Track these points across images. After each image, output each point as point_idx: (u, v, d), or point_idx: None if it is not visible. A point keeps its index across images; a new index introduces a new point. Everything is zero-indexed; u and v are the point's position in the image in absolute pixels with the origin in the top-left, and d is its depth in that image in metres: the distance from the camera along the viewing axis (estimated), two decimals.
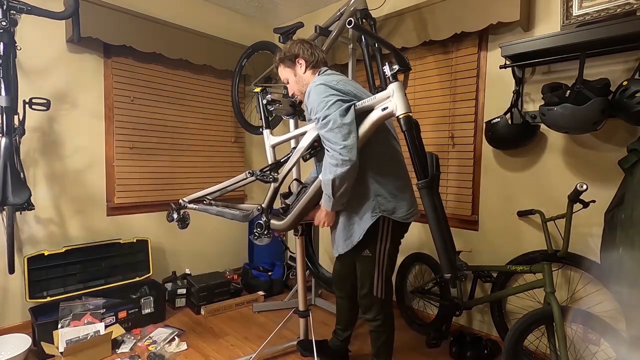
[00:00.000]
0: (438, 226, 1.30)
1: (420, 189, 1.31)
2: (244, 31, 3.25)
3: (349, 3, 2.13)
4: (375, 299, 1.59)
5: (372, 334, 1.68)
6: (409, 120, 1.32)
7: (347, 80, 1.52)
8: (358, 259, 1.60)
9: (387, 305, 1.62)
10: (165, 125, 2.80)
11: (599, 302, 1.81)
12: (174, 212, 2.01)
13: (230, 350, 2.12)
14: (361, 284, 1.62)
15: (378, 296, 1.58)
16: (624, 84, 1.53)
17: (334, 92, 1.39)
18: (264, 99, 1.89)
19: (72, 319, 2.05)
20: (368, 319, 1.65)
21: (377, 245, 1.54)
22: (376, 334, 1.67)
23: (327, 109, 1.36)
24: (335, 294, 1.94)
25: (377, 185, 1.51)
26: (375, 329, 1.66)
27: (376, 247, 1.54)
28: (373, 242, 1.54)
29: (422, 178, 1.31)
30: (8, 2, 1.75)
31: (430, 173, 1.32)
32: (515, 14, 1.89)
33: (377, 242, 1.54)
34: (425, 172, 1.31)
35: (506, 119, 1.94)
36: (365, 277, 1.59)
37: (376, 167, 1.51)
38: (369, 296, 1.59)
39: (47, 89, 2.27)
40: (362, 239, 1.53)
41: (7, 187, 1.78)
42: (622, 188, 1.58)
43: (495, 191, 2.17)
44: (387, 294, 1.60)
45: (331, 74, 1.55)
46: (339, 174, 1.36)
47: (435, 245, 1.31)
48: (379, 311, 1.61)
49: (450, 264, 1.29)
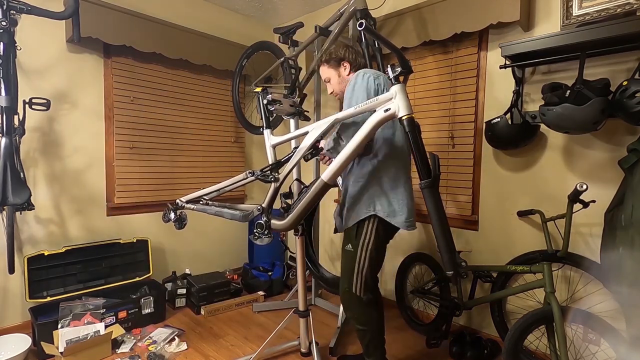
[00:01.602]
0: (441, 225, 1.31)
1: (423, 189, 1.32)
2: (244, 31, 3.26)
3: (349, 3, 2.13)
4: (354, 297, 1.61)
5: (357, 333, 1.70)
6: (412, 122, 1.33)
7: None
8: (342, 252, 1.66)
9: (367, 306, 1.63)
10: (165, 125, 2.80)
11: (599, 302, 1.81)
12: (170, 212, 2.00)
13: (230, 350, 2.13)
14: (341, 279, 1.66)
15: (357, 294, 1.60)
16: (624, 84, 1.53)
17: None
18: (264, 98, 1.89)
19: (72, 319, 2.05)
20: (348, 317, 1.70)
21: (360, 241, 1.58)
22: (360, 333, 1.68)
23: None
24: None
25: (380, 186, 1.56)
26: (357, 328, 1.67)
27: (359, 243, 1.59)
28: (357, 237, 1.59)
29: (425, 178, 1.32)
30: (8, 2, 1.75)
31: (433, 173, 1.33)
32: (515, 14, 1.89)
33: (361, 238, 1.58)
34: (428, 172, 1.33)
35: (506, 119, 1.94)
36: (345, 272, 1.63)
37: (386, 169, 1.57)
38: (348, 292, 1.62)
39: (47, 89, 2.27)
40: (348, 231, 1.61)
41: (7, 187, 1.78)
42: (622, 188, 1.58)
43: (495, 191, 2.17)
44: (366, 294, 1.61)
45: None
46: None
47: (438, 243, 1.33)
48: (358, 309, 1.63)
49: (452, 261, 1.31)
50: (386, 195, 1.57)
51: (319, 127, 1.57)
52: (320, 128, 1.56)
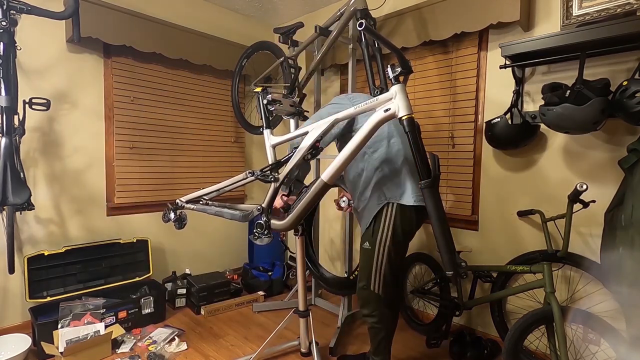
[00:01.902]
0: (441, 225, 1.32)
1: (423, 189, 1.33)
2: (244, 31, 3.26)
3: (349, 3, 2.13)
4: (372, 294, 1.62)
5: (370, 330, 1.71)
6: (412, 122, 1.34)
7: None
8: (360, 250, 1.68)
9: (384, 304, 1.64)
10: (165, 125, 2.80)
11: (599, 302, 1.81)
12: (170, 212, 2.00)
13: (230, 350, 2.12)
14: (360, 276, 1.67)
15: (375, 291, 1.61)
16: (624, 84, 1.53)
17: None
18: (264, 98, 1.89)
19: (72, 319, 2.05)
20: (365, 314, 1.69)
21: (377, 238, 1.60)
22: (374, 331, 1.69)
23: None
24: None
25: (384, 175, 1.60)
26: (372, 326, 1.68)
27: (376, 240, 1.60)
28: (374, 234, 1.60)
29: (425, 178, 1.32)
30: (8, 2, 1.75)
31: (433, 173, 1.34)
32: (515, 14, 1.89)
33: (378, 234, 1.60)
34: (428, 172, 1.33)
35: (506, 119, 1.94)
36: (364, 270, 1.64)
37: (386, 162, 1.61)
38: (366, 290, 1.63)
39: (47, 89, 2.27)
40: (366, 231, 1.62)
41: (7, 187, 1.78)
42: (622, 188, 1.58)
43: (495, 191, 2.17)
44: (385, 292, 1.62)
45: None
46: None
47: (437, 243, 1.33)
48: (376, 307, 1.64)
49: (452, 261, 1.31)
50: (391, 180, 1.59)
51: (319, 127, 1.57)
52: (320, 128, 1.56)
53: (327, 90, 3.09)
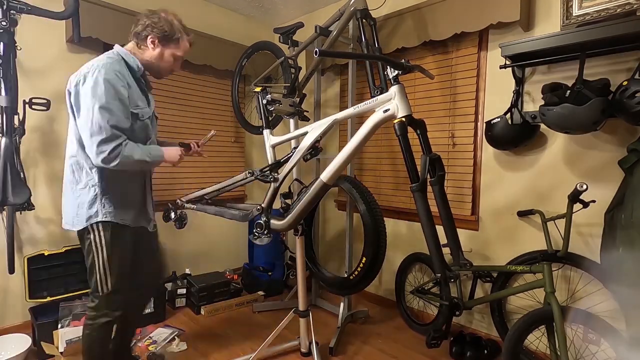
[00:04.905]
0: (430, 228, 1.35)
1: (413, 193, 1.35)
2: (244, 31, 3.25)
3: (349, 3, 2.13)
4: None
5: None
6: (403, 125, 1.36)
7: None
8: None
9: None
10: (165, 125, 2.80)
11: (599, 302, 1.81)
12: (170, 212, 2.01)
13: (230, 350, 2.12)
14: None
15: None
16: (624, 84, 1.53)
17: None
18: (264, 98, 1.90)
19: (72, 319, 2.05)
20: None
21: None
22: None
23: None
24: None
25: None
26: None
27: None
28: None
29: (415, 181, 1.35)
30: (8, 2, 1.75)
31: (422, 177, 1.35)
32: (515, 14, 1.89)
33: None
34: (416, 176, 1.35)
35: (506, 119, 1.94)
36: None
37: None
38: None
39: (47, 89, 2.26)
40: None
41: (7, 187, 1.79)
42: (622, 188, 1.58)
43: (495, 191, 2.17)
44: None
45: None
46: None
47: (428, 246, 1.36)
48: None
49: (441, 263, 1.34)
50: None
51: (318, 127, 1.57)
52: (320, 128, 1.57)
53: (327, 90, 3.09)
